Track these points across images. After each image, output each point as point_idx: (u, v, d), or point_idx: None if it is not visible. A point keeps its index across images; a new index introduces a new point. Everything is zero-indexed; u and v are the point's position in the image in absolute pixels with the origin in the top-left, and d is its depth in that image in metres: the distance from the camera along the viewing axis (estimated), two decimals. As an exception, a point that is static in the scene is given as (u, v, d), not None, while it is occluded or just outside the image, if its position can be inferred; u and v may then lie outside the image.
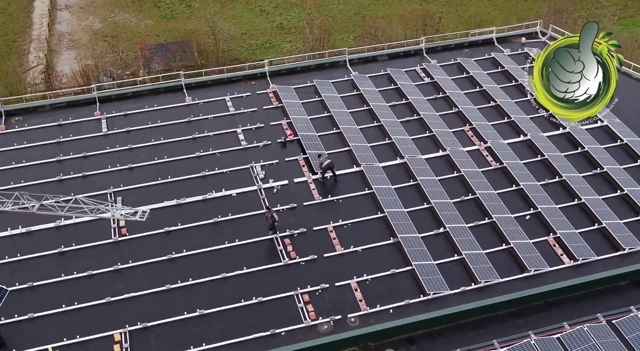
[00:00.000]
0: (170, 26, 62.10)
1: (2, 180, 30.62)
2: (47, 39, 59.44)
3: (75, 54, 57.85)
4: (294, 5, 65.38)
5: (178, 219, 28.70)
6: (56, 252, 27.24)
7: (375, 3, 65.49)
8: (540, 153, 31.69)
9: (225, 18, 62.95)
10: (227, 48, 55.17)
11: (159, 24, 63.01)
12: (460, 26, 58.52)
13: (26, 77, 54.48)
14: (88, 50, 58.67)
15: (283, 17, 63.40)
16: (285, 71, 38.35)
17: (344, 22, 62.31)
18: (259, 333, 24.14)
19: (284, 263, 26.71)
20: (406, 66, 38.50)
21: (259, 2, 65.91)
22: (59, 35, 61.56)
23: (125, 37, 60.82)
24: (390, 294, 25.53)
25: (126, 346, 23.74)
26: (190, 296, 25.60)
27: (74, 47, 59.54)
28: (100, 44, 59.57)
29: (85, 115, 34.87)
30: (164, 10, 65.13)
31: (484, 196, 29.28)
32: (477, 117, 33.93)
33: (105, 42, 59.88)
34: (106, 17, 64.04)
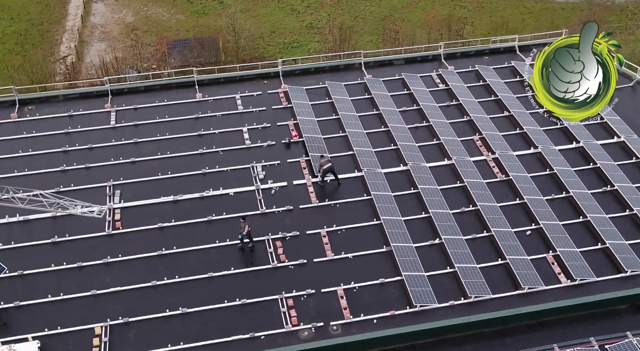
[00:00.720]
0: (201, 22, 62.37)
1: (6, 168, 31.02)
2: (79, 30, 60.29)
3: (105, 46, 58.58)
4: (326, 6, 64.98)
5: (173, 215, 28.63)
6: (49, 242, 27.45)
7: (407, 6, 64.67)
8: (550, 167, 30.68)
9: (255, 16, 62.94)
10: (247, 46, 55.04)
11: (190, 19, 63.36)
12: (492, 32, 57.26)
13: (55, 67, 55.39)
14: (118, 42, 59.36)
15: (313, 17, 63.09)
16: (299, 72, 38.00)
17: (374, 24, 61.67)
18: (239, 335, 23.86)
19: (272, 266, 26.38)
20: (423, 71, 37.77)
21: (290, 1, 65.73)
22: (92, 27, 62.44)
23: (155, 31, 61.33)
24: (376, 304, 24.97)
25: (105, 340, 23.74)
26: (175, 293, 25.46)
27: (105, 39, 60.30)
28: (130, 37, 60.15)
29: (96, 107, 35.12)
30: (196, 5, 65.47)
31: (485, 208, 28.45)
32: (488, 126, 33.04)
33: (137, 36, 60.41)
34: (139, 11, 64.71)
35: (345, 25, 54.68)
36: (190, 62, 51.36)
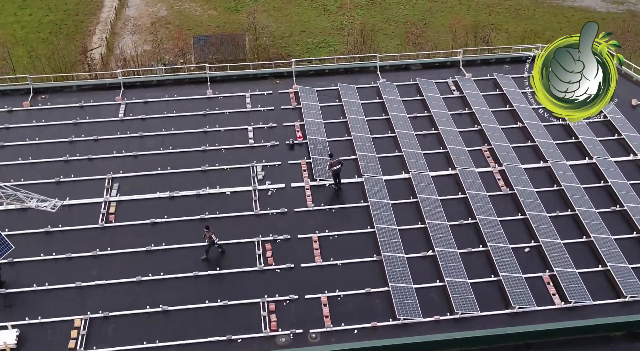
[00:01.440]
0: (232, 18, 62.48)
1: (10, 156, 31.38)
2: (111, 22, 61.03)
3: (135, 39, 59.14)
4: (358, 6, 64.40)
5: (167, 211, 28.51)
6: (42, 231, 27.60)
7: (442, 10, 63.61)
8: (557, 182, 29.55)
9: (287, 14, 62.76)
10: (271, 44, 54.83)
11: (222, 15, 63.55)
12: (526, 40, 55.81)
13: (85, 58, 56.14)
14: (149, 35, 59.86)
15: (345, 17, 62.54)
16: (313, 73, 37.55)
17: (406, 28, 60.76)
18: (215, 337, 23.54)
19: (258, 269, 26.00)
20: (439, 77, 36.89)
21: (324, 0, 65.32)
22: (125, 19, 63.15)
23: (186, 25, 61.70)
24: (360, 314, 24.34)
25: (83, 333, 23.68)
26: (159, 290, 25.30)
27: (137, 32, 60.92)
28: (161, 31, 60.62)
29: (107, 99, 35.30)
30: (230, 2, 65.64)
31: (484, 221, 27.53)
32: (498, 137, 32.03)
33: (167, 29, 60.91)
34: (173, 5, 65.20)
35: (373, 27, 54.03)
36: (208, 58, 51.37)
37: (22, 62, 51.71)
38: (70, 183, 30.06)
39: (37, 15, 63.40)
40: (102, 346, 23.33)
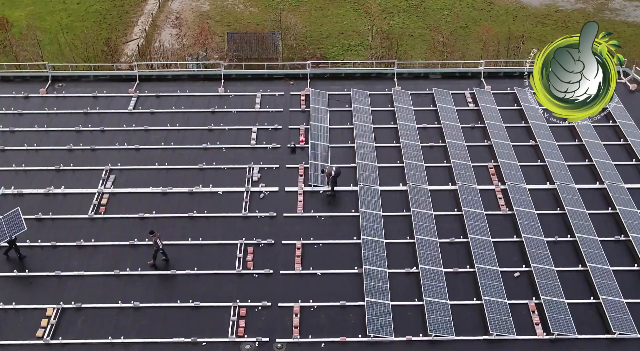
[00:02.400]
0: (273, 17, 62.32)
1: (18, 141, 31.91)
2: (153, 15, 61.79)
3: (175, 32, 59.70)
4: (401, 11, 63.37)
5: (158, 207, 28.42)
6: (33, 217, 27.87)
7: (486, 19, 61.96)
8: (561, 206, 28.12)
9: (327, 15, 62.26)
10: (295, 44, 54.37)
11: (263, 13, 63.51)
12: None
13: (124, 49, 57.03)
14: (189, 29, 60.31)
15: (386, 22, 61.61)
16: (329, 76, 36.96)
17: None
18: (181, 338, 23.27)
19: (236, 272, 25.61)
20: (458, 88, 35.70)
21: (367, 3, 64.53)
22: (168, 12, 63.85)
23: (227, 21, 61.95)
24: (331, 327, 23.67)
25: (53, 322, 23.77)
26: (134, 286, 25.21)
27: (178, 25, 61.41)
28: (203, 25, 61.00)
29: (120, 91, 35.55)
30: (273, 0, 65.53)
31: (475, 241, 26.41)
32: (507, 154, 30.74)
33: (207, 24, 61.25)
34: (216, 1, 65.54)
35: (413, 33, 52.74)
36: (234, 55, 51.32)
37: (62, 49, 52.75)
38: (69, 171, 30.34)
39: (84, 4, 64.79)
40: (68, 337, 23.38)
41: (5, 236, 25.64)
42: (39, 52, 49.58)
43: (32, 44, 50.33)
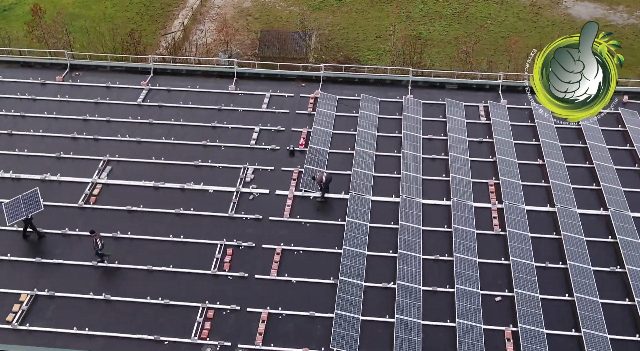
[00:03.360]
0: (312, 16, 61.96)
1: (26, 126, 32.48)
2: (193, 9, 62.32)
3: (213, 27, 60.05)
4: (443, 17, 62.06)
5: (147, 201, 28.42)
6: (26, 203, 28.36)
7: (530, 30, 60.04)
8: (558, 231, 26.80)
9: (367, 18, 61.51)
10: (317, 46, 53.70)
11: (303, 12, 63.14)
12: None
13: (161, 41, 57.68)
14: (227, 25, 60.55)
15: (425, 27, 60.46)
16: (342, 80, 36.34)
17: (489, 44, 57.88)
18: (144, 334, 23.15)
19: (211, 273, 25.35)
20: (474, 100, 34.56)
21: (410, 7, 63.48)
22: (209, 7, 64.28)
23: (266, 19, 61.92)
24: (296, 337, 23.15)
25: (24, 308, 24.01)
26: (107, 278, 25.28)
27: (216, 20, 61.79)
28: (239, 22, 61.24)
29: (133, 82, 35.79)
30: (315, 0, 65.17)
31: (460, 261, 25.42)
32: (509, 172, 29.53)
33: (246, 21, 61.42)
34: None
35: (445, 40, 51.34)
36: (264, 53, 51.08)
37: (91, 38, 53.61)
38: (69, 159, 30.69)
39: (131, -5, 65.84)
40: (37, 324, 23.56)
41: (22, 214, 26.17)
42: (68, 40, 50.54)
43: (62, 31, 51.32)
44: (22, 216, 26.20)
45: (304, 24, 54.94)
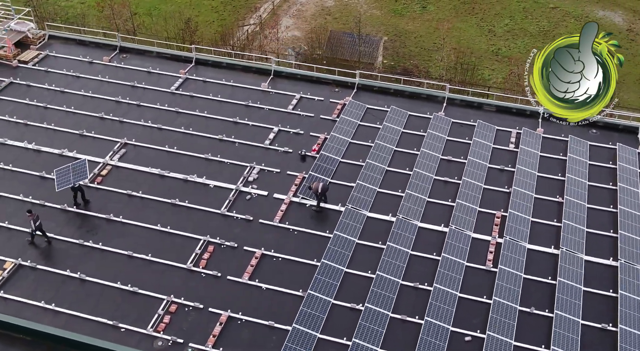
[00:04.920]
0: (391, 21, 60.98)
1: (62, 102, 33.79)
2: (274, 4, 62.79)
3: (291, 23, 60.29)
4: (528, 35, 59.22)
5: (149, 188, 28.84)
6: (37, 175, 29.44)
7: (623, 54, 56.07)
8: (554, 276, 24.85)
9: (449, 28, 59.70)
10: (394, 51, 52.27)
11: (384, 16, 62.25)
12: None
13: (236, 32, 58.53)
14: (304, 22, 60.66)
15: (506, 44, 57.95)
16: (377, 89, 35.36)
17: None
18: (104, 318, 23.49)
19: (186, 267, 25.37)
20: (508, 125, 32.64)
21: (494, 21, 61.08)
22: (292, 2, 64.54)
23: (344, 20, 61.40)
24: (247, 344, 22.76)
25: (5, 275, 24.97)
26: (88, 259, 25.79)
27: (296, 16, 62.00)
28: (317, 20, 61.09)
29: (173, 70, 36.44)
30: (398, 5, 64.01)
31: (438, 292, 24.08)
32: (522, 206, 27.67)
33: (324, 20, 61.21)
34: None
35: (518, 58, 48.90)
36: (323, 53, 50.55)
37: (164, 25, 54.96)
38: (89, 138, 31.64)
39: (218, -16, 67.18)
40: (12, 292, 24.43)
41: (69, 182, 27.42)
42: (132, 23, 52.21)
43: (128, 15, 53.09)
44: (70, 183, 27.39)
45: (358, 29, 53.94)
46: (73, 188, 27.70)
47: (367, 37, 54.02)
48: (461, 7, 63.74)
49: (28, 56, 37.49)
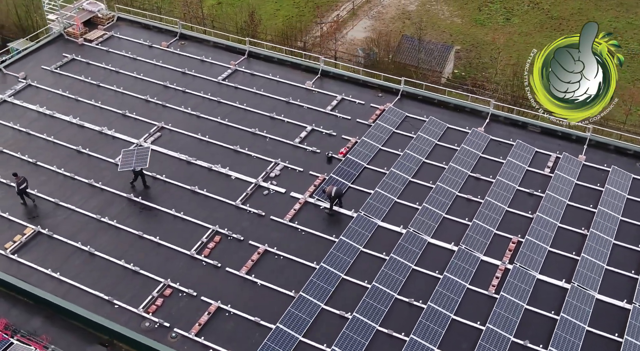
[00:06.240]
0: (471, 31, 59.49)
1: (113, 81, 35.17)
2: (353, 3, 62.64)
3: (368, 24, 60.00)
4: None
5: (173, 172, 29.59)
6: (74, 148, 30.83)
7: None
8: (558, 311, 23.59)
9: (529, 42, 57.56)
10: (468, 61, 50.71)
11: (464, 25, 60.81)
12: None
13: (311, 29, 58.85)
14: (382, 24, 60.20)
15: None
16: (422, 98, 34.65)
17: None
18: (101, 293, 24.32)
19: (190, 254, 25.86)
20: (550, 148, 31.18)
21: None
22: (374, 4, 64.14)
23: (424, 25, 60.46)
24: (229, 337, 22.97)
25: (23, 240, 26.24)
26: (102, 234, 26.75)
27: (375, 18, 61.61)
28: (395, 24, 60.46)
29: (225, 61, 37.15)
30: (482, 15, 62.32)
31: (431, 311, 23.39)
32: (541, 234, 26.42)
33: (402, 24, 60.52)
34: (426, 3, 64.19)
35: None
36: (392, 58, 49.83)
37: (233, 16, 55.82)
38: (131, 119, 32.79)
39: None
40: (25, 257, 25.76)
41: (131, 165, 28.40)
42: (202, 11, 53.40)
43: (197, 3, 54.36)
44: (131, 167, 28.31)
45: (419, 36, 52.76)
46: (134, 171, 28.41)
47: (437, 45, 52.93)
48: (547, 22, 61.32)
49: (94, 35, 39.24)
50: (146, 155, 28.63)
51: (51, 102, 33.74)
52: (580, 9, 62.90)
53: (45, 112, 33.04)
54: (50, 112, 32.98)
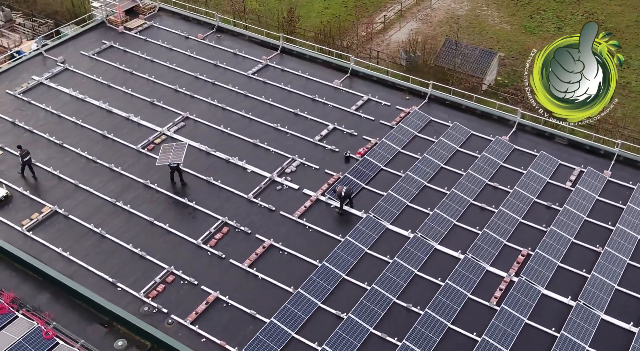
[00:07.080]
0: (519, 38, 58.26)
1: (146, 70, 35.90)
2: (402, 5, 62.16)
3: (413, 27, 59.48)
4: None
5: (193, 162, 29.98)
6: (99, 133, 31.62)
7: None
8: (558, 328, 22.94)
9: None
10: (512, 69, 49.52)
11: (513, 32, 59.61)
12: None
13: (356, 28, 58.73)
14: (429, 28, 59.58)
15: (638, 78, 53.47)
16: (449, 103, 34.17)
17: None
18: (107, 275, 24.89)
19: (196, 243, 26.21)
20: (575, 161, 30.30)
21: (634, 53, 56.49)
22: (423, 7, 63.50)
23: (471, 30, 59.58)
24: (223, 328, 23.19)
25: (40, 218, 27.08)
26: (114, 217, 27.37)
27: (421, 21, 61.00)
28: (443, 28, 59.74)
29: (257, 55, 37.44)
30: (533, 22, 60.94)
31: (427, 318, 23.10)
32: (552, 248, 25.73)
33: (449, 28, 59.75)
34: (476, 8, 63.17)
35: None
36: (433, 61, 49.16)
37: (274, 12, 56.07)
38: (158, 107, 33.41)
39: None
40: (39, 235, 26.56)
41: (167, 160, 28.67)
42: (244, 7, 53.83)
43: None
44: (167, 161, 28.56)
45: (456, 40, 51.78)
46: (170, 166, 28.58)
47: (477, 50, 52.00)
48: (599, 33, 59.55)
49: (134, 24, 40.12)
50: (182, 151, 28.70)
51: (84, 87, 34.67)
52: (637, 21, 60.91)
53: (77, 96, 33.97)
54: (82, 97, 33.91)
